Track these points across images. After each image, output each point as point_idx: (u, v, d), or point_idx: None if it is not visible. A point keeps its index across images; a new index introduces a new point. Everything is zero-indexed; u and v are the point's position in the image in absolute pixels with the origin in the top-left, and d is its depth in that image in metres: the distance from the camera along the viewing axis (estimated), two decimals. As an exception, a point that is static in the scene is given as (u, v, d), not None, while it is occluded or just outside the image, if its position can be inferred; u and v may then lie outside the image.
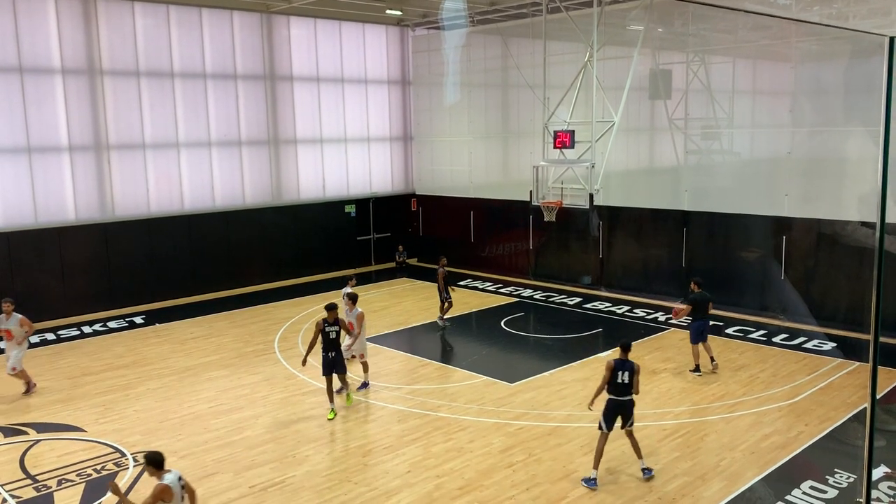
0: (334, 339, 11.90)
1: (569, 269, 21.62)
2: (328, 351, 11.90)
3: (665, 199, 19.43)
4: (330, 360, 11.92)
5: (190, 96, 20.44)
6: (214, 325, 18.01)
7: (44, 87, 17.95)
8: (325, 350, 11.92)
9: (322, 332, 11.85)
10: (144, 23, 19.40)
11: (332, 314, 11.87)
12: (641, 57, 18.07)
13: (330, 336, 11.87)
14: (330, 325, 11.85)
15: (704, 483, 9.54)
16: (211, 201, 21.18)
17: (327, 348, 11.90)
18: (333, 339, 11.90)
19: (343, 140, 24.21)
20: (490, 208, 23.62)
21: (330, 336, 11.87)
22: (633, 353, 12.38)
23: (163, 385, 13.73)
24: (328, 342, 11.90)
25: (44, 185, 18.18)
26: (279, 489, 9.60)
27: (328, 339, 11.88)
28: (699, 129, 19.00)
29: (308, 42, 22.92)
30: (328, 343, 11.90)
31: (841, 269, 16.29)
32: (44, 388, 13.67)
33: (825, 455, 10.35)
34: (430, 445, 10.84)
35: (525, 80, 21.00)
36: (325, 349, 11.92)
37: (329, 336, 11.86)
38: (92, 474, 10.08)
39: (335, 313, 11.91)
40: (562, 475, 9.82)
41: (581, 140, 16.24)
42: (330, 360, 11.92)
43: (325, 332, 11.84)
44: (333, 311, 11.89)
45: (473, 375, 14.04)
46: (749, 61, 18.40)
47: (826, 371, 13.74)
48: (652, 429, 11.28)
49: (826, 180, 16.63)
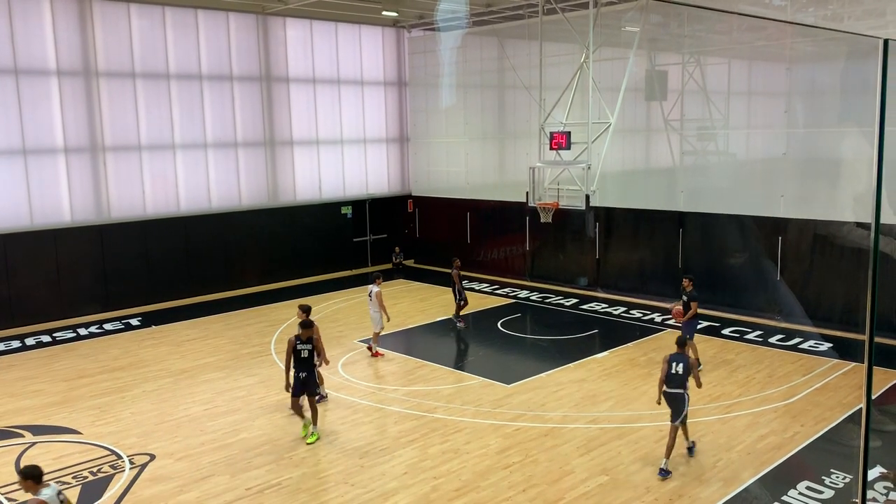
0: (307, 357, 11.08)
1: (565, 270, 21.63)
2: (300, 370, 11.07)
3: (661, 200, 19.46)
4: (301, 381, 11.08)
5: (186, 98, 20.41)
6: (211, 327, 17.98)
7: (39, 89, 17.92)
8: (297, 369, 11.09)
9: (294, 351, 11.08)
10: (140, 24, 19.37)
11: (305, 332, 11.09)
12: (637, 58, 18.10)
13: (302, 355, 11.05)
14: (303, 342, 11.07)
15: (701, 484, 9.55)
16: (207, 203, 21.16)
17: (299, 368, 11.08)
18: (306, 359, 11.08)
19: (339, 141, 24.20)
20: (486, 209, 23.63)
21: (302, 355, 11.05)
22: (628, 354, 12.46)
23: (159, 387, 13.71)
24: (300, 361, 11.09)
25: (39, 186, 18.15)
26: (275, 491, 9.58)
27: (300, 357, 11.08)
28: (695, 130, 19.04)
29: (304, 43, 22.91)
30: (300, 362, 11.09)
31: (836, 269, 16.32)
32: (40, 390, 13.64)
33: (821, 455, 10.37)
34: (427, 447, 10.84)
35: (521, 81, 21.01)
36: (296, 368, 11.09)
37: (301, 355, 11.05)
38: (88, 477, 10.05)
39: (310, 332, 11.15)
40: (558, 476, 9.83)
41: (577, 141, 16.26)
42: (301, 381, 11.08)
43: (296, 350, 11.06)
44: (308, 328, 11.15)
45: (470, 377, 14.04)
46: (744, 62, 18.44)
47: (822, 372, 13.77)
48: (649, 430, 11.29)
49: (821, 181, 16.67)
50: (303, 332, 11.10)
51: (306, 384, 11.14)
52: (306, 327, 11.15)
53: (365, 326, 17.66)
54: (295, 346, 11.06)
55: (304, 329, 11.13)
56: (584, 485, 9.58)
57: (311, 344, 11.12)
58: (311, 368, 11.17)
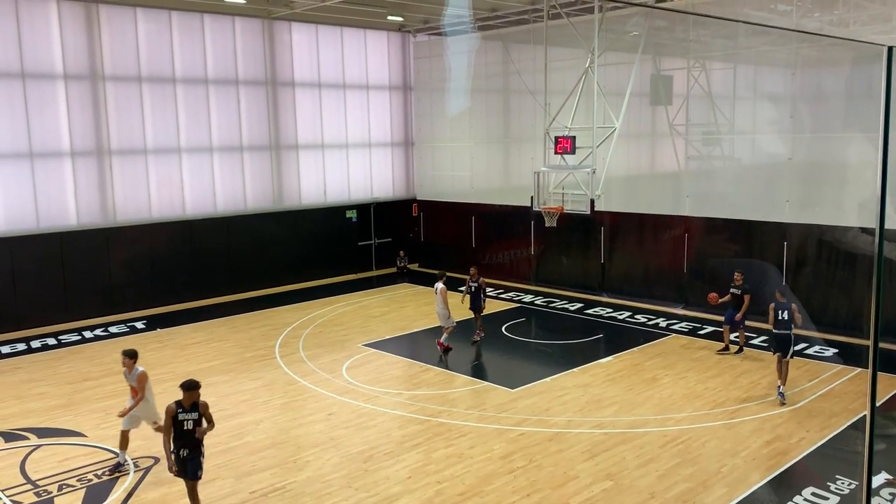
0: (190, 430, 8.45)
1: (570, 274, 21.61)
2: (181, 447, 8.48)
3: (666, 204, 19.43)
4: (182, 461, 8.49)
5: (192, 102, 20.49)
6: (215, 330, 18.02)
7: (46, 93, 18.00)
8: (177, 445, 8.48)
9: (174, 421, 8.41)
10: (146, 28, 19.46)
11: (189, 395, 8.42)
12: (642, 63, 18.11)
13: (185, 426, 8.43)
14: (186, 411, 8.42)
15: (706, 489, 9.52)
16: (212, 207, 21.21)
17: (180, 443, 8.47)
18: (189, 431, 8.45)
19: (344, 145, 24.24)
20: (491, 214, 23.63)
21: (185, 426, 8.43)
22: (633, 359, 12.36)
23: (164, 390, 13.65)
24: (181, 434, 8.45)
25: (46, 190, 18.22)
26: (280, 495, 9.59)
27: (181, 430, 8.44)
28: (700, 134, 19.01)
29: (309, 48, 22.97)
30: (181, 436, 8.46)
31: (841, 275, 16.28)
32: (45, 392, 13.68)
33: (826, 461, 10.33)
34: (431, 451, 10.83)
35: (526, 85, 21.04)
36: (176, 444, 8.48)
37: (184, 426, 8.43)
38: (92, 479, 10.07)
39: (195, 394, 8.45)
40: (563, 481, 9.81)
41: (582, 146, 16.25)
42: (182, 461, 8.49)
43: (177, 419, 8.40)
44: (192, 391, 8.45)
45: (474, 381, 14.03)
46: (750, 67, 18.41)
47: (827, 377, 13.73)
48: (653, 435, 11.26)
49: (826, 186, 16.63)
50: (185, 396, 8.41)
51: (187, 467, 8.53)
52: (190, 389, 8.45)
53: (368, 330, 17.71)
54: (175, 415, 8.41)
55: (188, 392, 8.42)
56: (588, 490, 9.56)
57: (197, 412, 8.46)
58: (196, 446, 8.57)
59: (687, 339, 16.47)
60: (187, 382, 8.47)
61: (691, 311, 18.56)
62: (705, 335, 16.72)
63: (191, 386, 8.43)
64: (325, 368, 14.76)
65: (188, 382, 8.47)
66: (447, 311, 15.47)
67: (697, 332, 17.01)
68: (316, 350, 16.07)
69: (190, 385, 8.44)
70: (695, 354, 15.33)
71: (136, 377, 10.18)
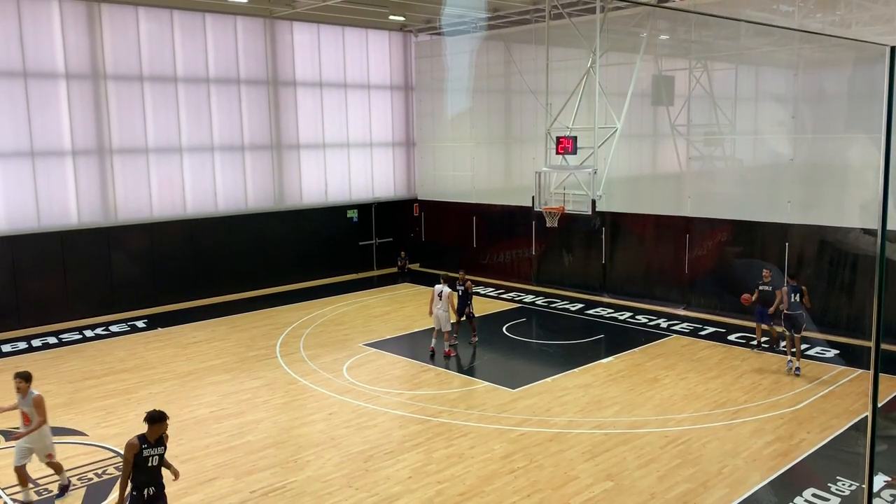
0: (155, 466, 7.62)
1: (571, 274, 21.61)
2: (145, 486, 7.55)
3: (668, 205, 19.42)
4: (149, 500, 7.57)
5: (193, 101, 20.49)
6: (216, 329, 18.02)
7: (47, 92, 18.01)
8: (140, 485, 7.53)
9: (137, 457, 7.48)
10: (148, 27, 19.46)
11: (155, 429, 7.55)
12: (644, 63, 18.09)
13: (149, 463, 7.56)
14: (151, 446, 7.55)
15: (707, 490, 9.51)
16: (213, 206, 21.22)
17: (144, 481, 7.55)
18: (155, 468, 7.63)
19: (346, 145, 24.25)
20: (492, 214, 23.63)
21: (149, 463, 7.56)
22: (633, 360, 12.35)
23: (164, 389, 13.74)
24: (145, 471, 7.55)
25: (47, 189, 18.23)
26: (280, 494, 9.59)
27: (146, 466, 7.55)
28: (702, 135, 19.00)
29: (311, 47, 22.98)
30: (145, 472, 7.55)
31: (843, 276, 16.27)
32: (46, 391, 13.62)
33: (827, 463, 10.32)
34: (432, 451, 10.82)
35: (527, 85, 21.03)
36: (139, 484, 7.54)
37: (148, 463, 7.55)
38: (93, 478, 10.08)
39: (162, 426, 7.59)
40: (563, 481, 9.80)
41: (583, 146, 16.25)
42: (149, 500, 7.57)
43: (141, 456, 7.50)
44: (159, 423, 7.57)
45: (475, 381, 14.03)
46: (751, 67, 18.39)
47: (828, 378, 13.71)
48: (654, 435, 11.25)
49: (828, 187, 16.62)
50: (150, 430, 7.56)
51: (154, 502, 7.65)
52: (155, 422, 7.57)
53: (369, 330, 17.70)
54: (140, 450, 7.49)
55: (153, 425, 7.56)
56: (588, 490, 9.56)
57: (162, 447, 7.67)
58: (161, 484, 7.72)
59: (688, 340, 16.46)
60: (153, 414, 7.58)
61: (692, 311, 18.56)
62: (706, 336, 16.72)
63: (157, 418, 7.55)
64: (325, 368, 14.76)
65: (154, 414, 7.58)
66: (449, 316, 15.45)
67: (698, 332, 17.00)
68: (317, 350, 16.07)
69: (155, 417, 7.56)
70: (696, 355, 15.33)
71: (31, 401, 9.18)
